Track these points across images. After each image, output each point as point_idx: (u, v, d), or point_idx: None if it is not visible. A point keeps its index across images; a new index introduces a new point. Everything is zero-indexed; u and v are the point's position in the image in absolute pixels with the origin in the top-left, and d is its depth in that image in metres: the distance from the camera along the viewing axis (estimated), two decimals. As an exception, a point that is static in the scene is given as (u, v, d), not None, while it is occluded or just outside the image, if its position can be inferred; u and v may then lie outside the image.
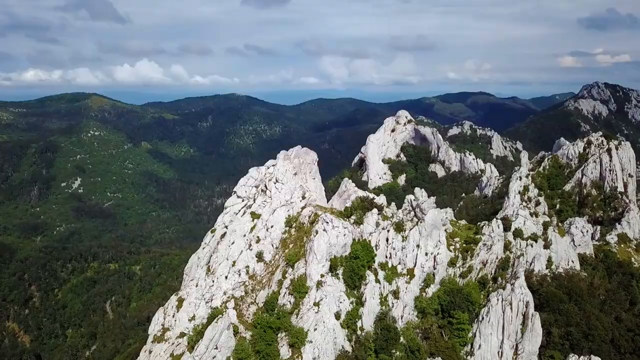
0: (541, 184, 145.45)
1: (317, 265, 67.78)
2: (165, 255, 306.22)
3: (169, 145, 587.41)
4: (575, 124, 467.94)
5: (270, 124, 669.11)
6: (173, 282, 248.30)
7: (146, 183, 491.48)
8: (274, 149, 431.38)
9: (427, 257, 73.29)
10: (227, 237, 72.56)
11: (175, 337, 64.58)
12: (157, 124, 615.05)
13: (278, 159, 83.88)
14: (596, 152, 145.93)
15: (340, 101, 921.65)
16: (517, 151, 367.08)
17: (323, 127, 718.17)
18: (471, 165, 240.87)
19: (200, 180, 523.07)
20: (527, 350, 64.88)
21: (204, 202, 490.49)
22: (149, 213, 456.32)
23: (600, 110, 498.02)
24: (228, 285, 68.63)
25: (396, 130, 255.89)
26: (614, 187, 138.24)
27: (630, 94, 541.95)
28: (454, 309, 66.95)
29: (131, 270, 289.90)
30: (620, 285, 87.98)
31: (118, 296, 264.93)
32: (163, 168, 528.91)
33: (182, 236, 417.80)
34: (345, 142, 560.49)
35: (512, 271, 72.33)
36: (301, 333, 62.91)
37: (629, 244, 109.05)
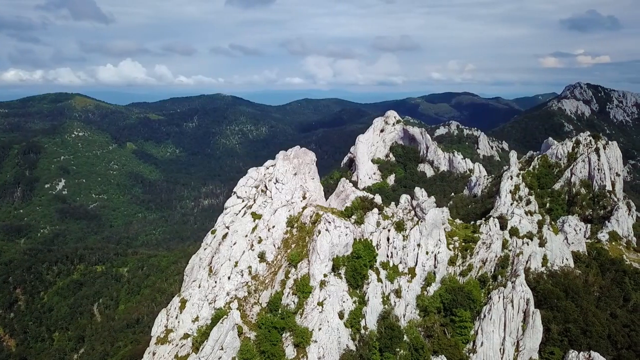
0: (531, 183, 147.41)
1: (320, 265, 68.00)
2: (153, 256, 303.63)
3: (155, 145, 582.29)
4: (559, 123, 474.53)
5: (256, 124, 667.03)
6: (162, 284, 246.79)
7: (132, 184, 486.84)
8: (260, 149, 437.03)
9: (427, 256, 73.95)
10: (229, 237, 72.36)
11: (179, 339, 64.31)
12: (142, 125, 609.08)
13: (277, 159, 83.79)
14: (584, 151, 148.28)
15: (326, 101, 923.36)
16: (503, 151, 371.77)
17: (309, 127, 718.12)
18: (460, 165, 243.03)
19: (187, 181, 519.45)
20: (528, 347, 65.86)
21: (190, 203, 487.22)
22: (135, 214, 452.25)
23: (583, 111, 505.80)
24: (231, 286, 68.51)
25: (385, 130, 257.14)
26: (603, 185, 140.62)
27: (611, 94, 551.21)
28: (456, 307, 67.66)
29: (118, 272, 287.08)
30: (614, 282, 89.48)
31: (106, 298, 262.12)
32: (149, 169, 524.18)
33: (168, 237, 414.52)
34: (331, 143, 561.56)
35: (511, 269, 73.36)
36: (306, 333, 63.06)
37: (619, 242, 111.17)
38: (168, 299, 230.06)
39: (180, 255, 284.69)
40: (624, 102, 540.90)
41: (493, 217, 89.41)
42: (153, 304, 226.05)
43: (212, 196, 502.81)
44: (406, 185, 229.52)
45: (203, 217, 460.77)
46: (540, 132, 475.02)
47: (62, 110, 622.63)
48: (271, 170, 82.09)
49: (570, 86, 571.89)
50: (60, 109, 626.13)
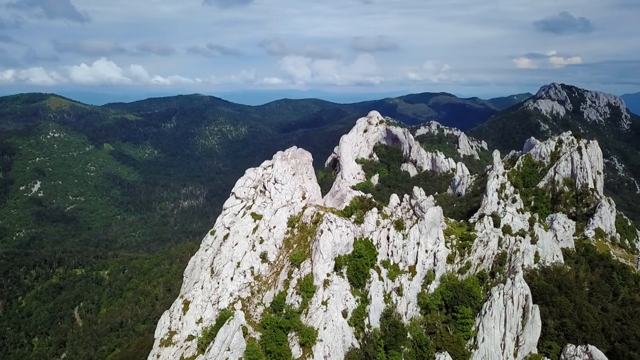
0: (516, 182, 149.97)
1: (324, 264, 68.39)
2: (134, 259, 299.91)
3: (133, 146, 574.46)
4: (535, 123, 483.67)
5: (235, 125, 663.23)
6: (145, 286, 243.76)
7: (110, 186, 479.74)
8: (240, 150, 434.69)
9: (427, 254, 74.96)
10: (230, 238, 72.18)
11: (184, 340, 63.95)
12: (119, 125, 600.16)
13: (275, 159, 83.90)
14: (567, 150, 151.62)
15: (305, 102, 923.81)
16: (483, 150, 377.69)
17: (289, 127, 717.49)
18: (442, 164, 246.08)
19: (166, 182, 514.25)
20: (527, 342, 67.32)
21: (170, 205, 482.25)
22: (114, 216, 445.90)
23: (558, 111, 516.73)
24: (234, 287, 68.40)
25: (368, 130, 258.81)
26: (585, 184, 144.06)
27: (585, 94, 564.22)
28: (458, 304, 68.74)
29: (99, 275, 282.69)
30: (603, 278, 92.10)
31: (87, 302, 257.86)
32: (127, 170, 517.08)
33: (149, 239, 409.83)
34: (312, 143, 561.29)
35: (509, 266, 74.89)
36: (312, 332, 63.39)
37: (605, 238, 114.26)
38: (152, 301, 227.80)
39: (163, 257, 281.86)
40: (597, 103, 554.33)
41: (487, 216, 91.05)
42: (137, 307, 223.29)
43: (191, 197, 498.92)
44: (390, 185, 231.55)
45: (183, 218, 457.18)
46: (517, 131, 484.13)
47: (37, 110, 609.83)
48: (269, 171, 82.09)
49: (545, 87, 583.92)
50: (35, 109, 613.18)
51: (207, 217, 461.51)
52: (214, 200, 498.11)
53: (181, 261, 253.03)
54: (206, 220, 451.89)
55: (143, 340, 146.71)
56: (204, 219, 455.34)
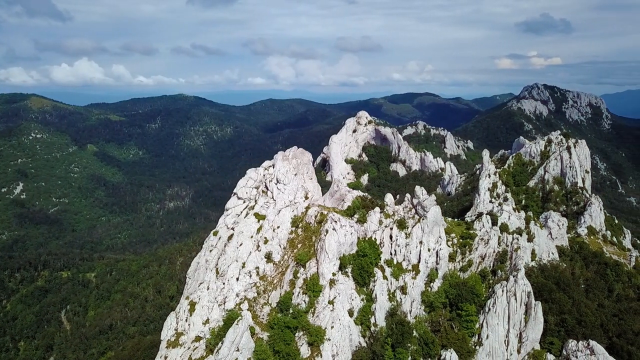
0: (507, 181, 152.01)
1: (329, 264, 68.74)
2: (121, 261, 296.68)
3: (117, 147, 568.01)
4: (519, 123, 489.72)
5: (220, 125, 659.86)
6: (134, 288, 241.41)
7: (94, 187, 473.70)
8: (225, 150, 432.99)
9: (429, 252, 75.77)
10: (235, 238, 72.12)
11: (191, 341, 63.74)
12: (103, 126, 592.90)
13: (276, 159, 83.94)
14: (556, 149, 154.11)
15: (290, 102, 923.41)
16: (469, 150, 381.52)
17: (275, 127, 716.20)
18: (431, 164, 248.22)
19: (151, 183, 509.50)
20: (530, 338, 68.48)
21: (155, 206, 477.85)
22: (98, 218, 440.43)
23: (541, 110, 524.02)
24: (240, 287, 68.38)
25: (357, 130, 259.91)
26: (575, 182, 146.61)
27: (567, 94, 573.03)
28: (462, 302, 69.66)
29: (85, 277, 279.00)
30: (597, 274, 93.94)
31: (74, 305, 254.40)
32: (111, 171, 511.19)
33: (135, 241, 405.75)
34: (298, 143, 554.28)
35: (510, 264, 76.04)
36: (320, 331, 63.68)
37: (597, 236, 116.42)
38: (142, 303, 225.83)
39: (151, 258, 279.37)
40: (579, 102, 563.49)
41: (485, 214, 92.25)
42: (126, 309, 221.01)
43: (177, 198, 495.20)
44: (380, 184, 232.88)
45: (169, 219, 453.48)
46: (501, 131, 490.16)
47: (17, 111, 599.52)
48: (271, 171, 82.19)
49: (528, 87, 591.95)
50: (15, 109, 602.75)
51: (193, 218, 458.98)
52: (199, 201, 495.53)
53: (170, 262, 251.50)
54: (192, 222, 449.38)
55: (137, 342, 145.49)
56: (190, 220, 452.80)
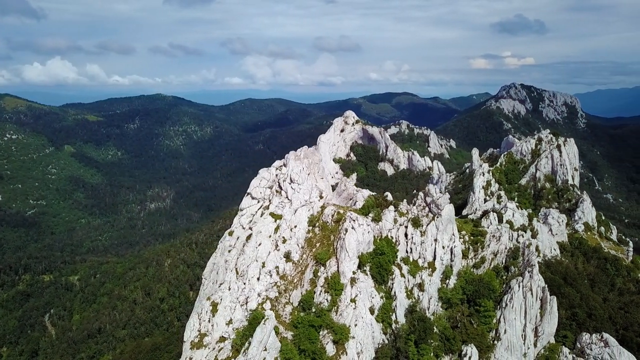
0: (500, 179, 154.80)
1: (349, 262, 69.25)
2: (105, 263, 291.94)
3: (95, 148, 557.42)
4: (498, 122, 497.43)
5: (200, 125, 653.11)
6: (122, 291, 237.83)
7: (72, 189, 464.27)
8: (206, 150, 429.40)
9: (444, 250, 76.92)
10: (253, 238, 72.02)
11: (215, 342, 63.48)
12: (80, 126, 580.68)
13: (288, 159, 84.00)
14: (547, 148, 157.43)
15: (270, 101, 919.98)
16: (452, 149, 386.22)
17: (255, 127, 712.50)
18: (419, 163, 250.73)
19: (131, 184, 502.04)
20: (546, 332, 70.23)
21: (136, 207, 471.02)
22: (78, 220, 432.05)
23: (519, 110, 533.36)
24: (261, 287, 68.37)
25: (345, 130, 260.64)
26: (565, 180, 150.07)
27: (543, 94, 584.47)
28: (479, 298, 70.97)
29: (69, 281, 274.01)
30: (598, 269, 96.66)
31: (58, 309, 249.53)
32: (90, 172, 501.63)
33: (116, 243, 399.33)
34: (280, 143, 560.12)
35: (523, 260, 77.61)
36: (344, 329, 64.16)
37: (593, 232, 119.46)
38: (130, 306, 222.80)
39: (136, 260, 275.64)
40: (555, 102, 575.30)
41: (492, 212, 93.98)
42: (114, 312, 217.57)
43: (158, 199, 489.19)
44: (368, 183, 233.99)
45: (151, 221, 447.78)
46: (481, 130, 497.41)
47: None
48: (284, 171, 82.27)
49: (506, 86, 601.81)
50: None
51: (175, 219, 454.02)
52: (181, 202, 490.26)
53: (158, 264, 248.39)
54: (174, 223, 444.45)
55: (137, 345, 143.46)
56: (172, 221, 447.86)
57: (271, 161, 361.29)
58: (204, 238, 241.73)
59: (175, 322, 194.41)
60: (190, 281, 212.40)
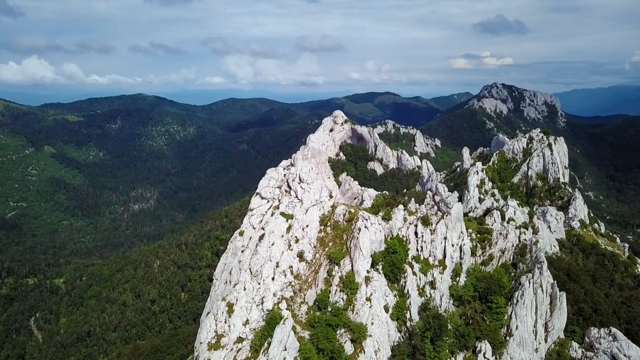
0: (493, 177, 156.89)
1: (363, 261, 69.60)
2: (91, 265, 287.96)
3: (76, 149, 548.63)
4: (481, 121, 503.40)
5: (183, 125, 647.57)
6: (110, 293, 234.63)
7: (54, 190, 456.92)
8: (189, 150, 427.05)
9: (453, 248, 77.78)
10: (266, 238, 71.88)
11: (233, 343, 63.22)
12: (60, 127, 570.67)
13: (296, 159, 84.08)
14: (538, 147, 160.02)
15: (252, 101, 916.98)
16: (437, 148, 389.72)
17: (238, 127, 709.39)
18: (408, 162, 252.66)
19: (114, 185, 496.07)
20: (556, 327, 71.59)
21: (119, 208, 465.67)
22: (60, 222, 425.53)
23: (501, 109, 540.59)
24: (276, 287, 68.30)
25: (334, 130, 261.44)
26: (557, 178, 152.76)
27: (524, 93, 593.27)
28: (491, 294, 71.97)
29: (54, 284, 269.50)
30: (597, 265, 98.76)
31: (44, 312, 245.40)
32: (71, 173, 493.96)
33: (100, 245, 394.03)
34: (264, 143, 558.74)
35: (531, 256, 78.93)
36: (362, 328, 64.45)
37: (588, 229, 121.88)
38: (120, 308, 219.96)
39: (124, 262, 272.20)
40: (535, 101, 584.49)
41: (496, 210, 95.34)
42: (104, 315, 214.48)
43: (142, 200, 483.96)
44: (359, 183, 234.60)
45: (135, 222, 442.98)
46: (464, 129, 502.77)
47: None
48: (293, 171, 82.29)
49: (488, 86, 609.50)
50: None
51: (160, 220, 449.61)
52: (165, 202, 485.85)
53: (146, 266, 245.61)
54: (159, 224, 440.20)
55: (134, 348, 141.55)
56: (157, 222, 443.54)
57: (256, 161, 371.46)
58: (194, 239, 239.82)
59: (167, 324, 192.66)
60: (182, 282, 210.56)
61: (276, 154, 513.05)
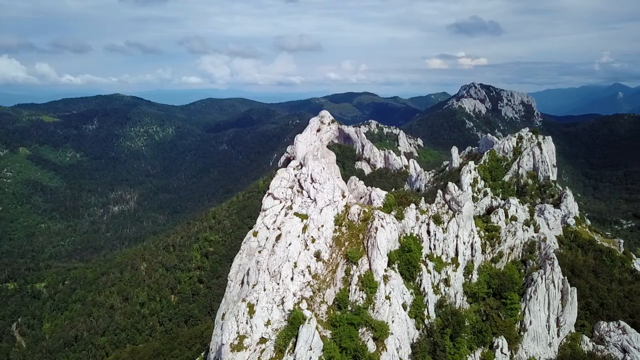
0: (484, 176, 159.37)
1: (381, 260, 70.15)
2: (73, 269, 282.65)
3: (52, 150, 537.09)
4: (461, 121, 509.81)
5: (162, 125, 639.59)
6: (96, 297, 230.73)
7: (30, 192, 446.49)
8: (168, 151, 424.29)
9: (465, 246, 79.02)
10: (283, 238, 71.80)
11: (256, 344, 63.07)
12: (35, 128, 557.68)
13: (307, 159, 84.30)
14: (528, 145, 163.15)
15: (231, 101, 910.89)
16: (420, 147, 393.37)
17: (218, 127, 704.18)
18: (395, 161, 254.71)
19: (92, 187, 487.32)
20: (568, 322, 73.38)
21: (99, 210, 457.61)
22: (37, 225, 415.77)
23: (480, 109, 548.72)
24: (295, 287, 68.34)
25: (321, 130, 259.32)
26: (547, 176, 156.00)
27: (501, 93, 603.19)
28: (505, 291, 73.34)
29: (35, 288, 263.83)
30: (596, 261, 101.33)
31: (26, 318, 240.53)
32: (48, 175, 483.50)
33: (80, 248, 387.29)
34: (245, 143, 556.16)
35: (540, 253, 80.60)
36: (384, 326, 64.99)
37: (583, 225, 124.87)
38: (108, 312, 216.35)
39: (108, 265, 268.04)
40: (512, 101, 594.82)
41: (500, 207, 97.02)
42: (91, 319, 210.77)
43: (121, 202, 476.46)
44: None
45: (115, 224, 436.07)
46: (444, 129, 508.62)
47: None
48: (304, 171, 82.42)
49: (466, 86, 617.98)
50: None
51: (141, 222, 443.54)
52: (145, 204, 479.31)
53: (133, 268, 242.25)
54: (140, 225, 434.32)
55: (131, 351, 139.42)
56: (138, 224, 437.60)
57: (237, 161, 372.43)
58: (182, 241, 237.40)
59: (158, 327, 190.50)
60: (171, 285, 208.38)
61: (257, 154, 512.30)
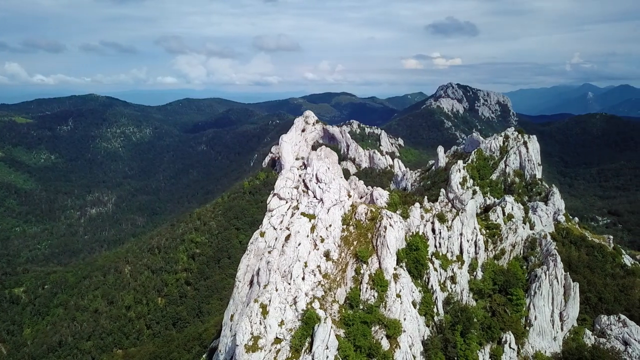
0: (473, 175, 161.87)
1: (390, 259, 70.86)
2: (53, 273, 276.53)
3: (26, 152, 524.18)
4: (440, 121, 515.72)
5: (139, 126, 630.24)
6: (79, 301, 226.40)
7: (4, 195, 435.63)
8: (146, 152, 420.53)
9: (468, 243, 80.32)
10: (292, 238, 71.94)
11: (271, 344, 62.99)
12: (7, 129, 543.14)
13: (311, 160, 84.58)
14: (514, 144, 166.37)
15: (209, 101, 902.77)
16: (401, 147, 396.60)
17: (196, 128, 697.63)
18: (380, 161, 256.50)
19: (69, 189, 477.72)
20: (570, 316, 75.22)
21: (75, 213, 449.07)
22: (12, 229, 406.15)
23: (458, 108, 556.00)
24: (307, 287, 68.48)
25: (306, 130, 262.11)
26: (533, 174, 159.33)
27: (478, 93, 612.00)
28: (511, 287, 74.79)
29: (13, 293, 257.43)
30: (589, 257, 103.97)
31: (5, 323, 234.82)
32: (22, 178, 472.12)
33: (57, 251, 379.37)
34: (224, 143, 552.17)
35: (542, 249, 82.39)
36: (396, 324, 65.66)
37: (573, 222, 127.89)
38: (93, 316, 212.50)
39: (89, 268, 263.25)
40: (489, 101, 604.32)
41: (498, 206, 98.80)
42: (75, 324, 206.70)
43: (99, 204, 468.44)
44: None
45: (93, 227, 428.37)
46: (423, 128, 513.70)
47: None
48: (309, 171, 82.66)
49: (443, 86, 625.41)
50: None
51: (119, 224, 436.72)
52: (123, 206, 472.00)
53: (116, 271, 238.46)
54: (119, 228, 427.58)
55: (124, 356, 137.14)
56: (116, 227, 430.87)
57: (216, 162, 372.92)
58: (167, 242, 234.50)
59: (145, 330, 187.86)
60: (158, 287, 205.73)
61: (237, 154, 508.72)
